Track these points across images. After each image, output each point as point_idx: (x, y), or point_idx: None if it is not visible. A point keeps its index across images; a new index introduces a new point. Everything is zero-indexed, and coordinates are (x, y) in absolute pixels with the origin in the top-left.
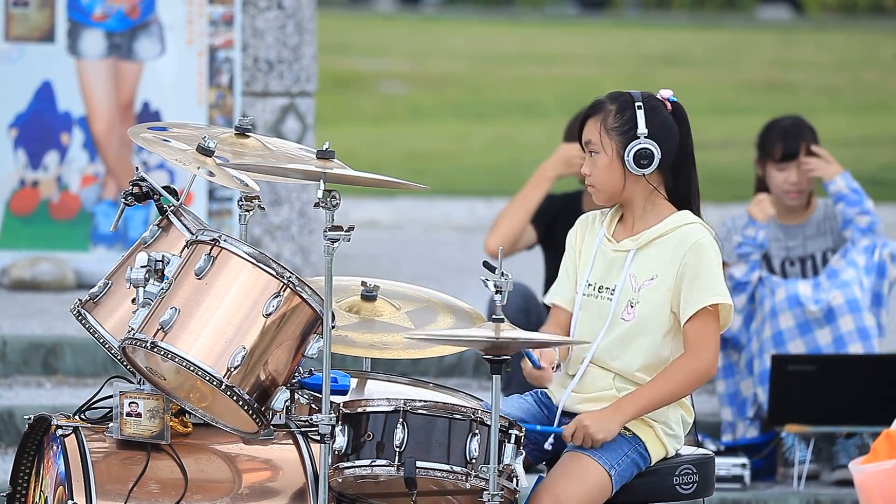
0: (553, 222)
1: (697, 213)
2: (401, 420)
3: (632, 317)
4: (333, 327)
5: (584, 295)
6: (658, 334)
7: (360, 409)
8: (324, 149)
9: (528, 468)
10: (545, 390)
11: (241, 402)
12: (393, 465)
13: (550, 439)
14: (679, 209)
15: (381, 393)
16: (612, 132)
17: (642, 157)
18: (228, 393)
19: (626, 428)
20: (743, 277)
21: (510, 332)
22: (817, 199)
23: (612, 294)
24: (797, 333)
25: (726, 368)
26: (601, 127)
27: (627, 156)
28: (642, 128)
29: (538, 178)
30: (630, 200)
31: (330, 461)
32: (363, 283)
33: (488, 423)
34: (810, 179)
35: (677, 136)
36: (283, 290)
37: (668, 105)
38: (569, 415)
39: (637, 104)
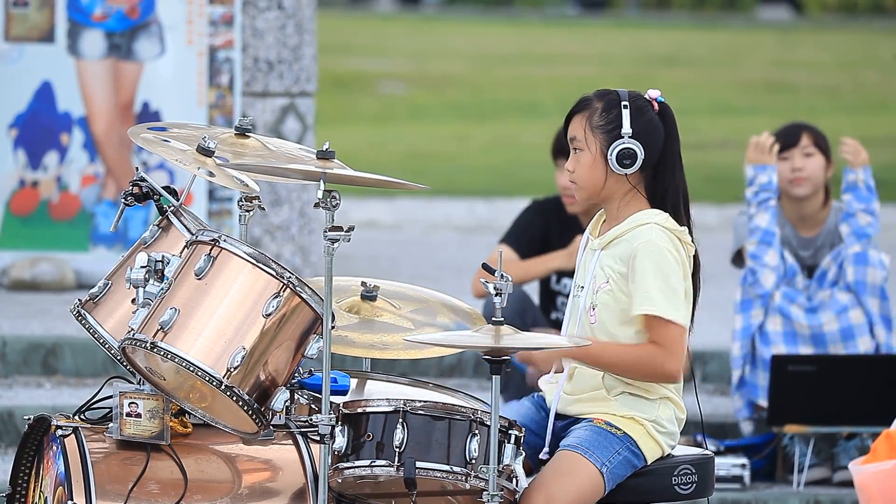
0: (546, 235)
1: (678, 215)
2: (400, 420)
3: (594, 320)
4: (333, 327)
5: (573, 296)
6: (623, 335)
7: (359, 410)
8: (324, 149)
9: (530, 474)
10: (542, 394)
11: (240, 403)
12: (392, 466)
13: (546, 449)
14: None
15: (381, 393)
16: (597, 130)
17: (625, 157)
18: (228, 393)
19: (615, 427)
20: (768, 227)
21: (510, 335)
22: (832, 201)
23: (583, 293)
24: (781, 340)
25: (744, 303)
26: (586, 124)
27: (610, 155)
28: (626, 127)
29: (541, 267)
30: (608, 199)
31: (329, 461)
32: (363, 284)
33: (488, 423)
34: (816, 169)
35: (662, 137)
36: (283, 291)
37: (656, 105)
38: (562, 417)
39: (623, 103)
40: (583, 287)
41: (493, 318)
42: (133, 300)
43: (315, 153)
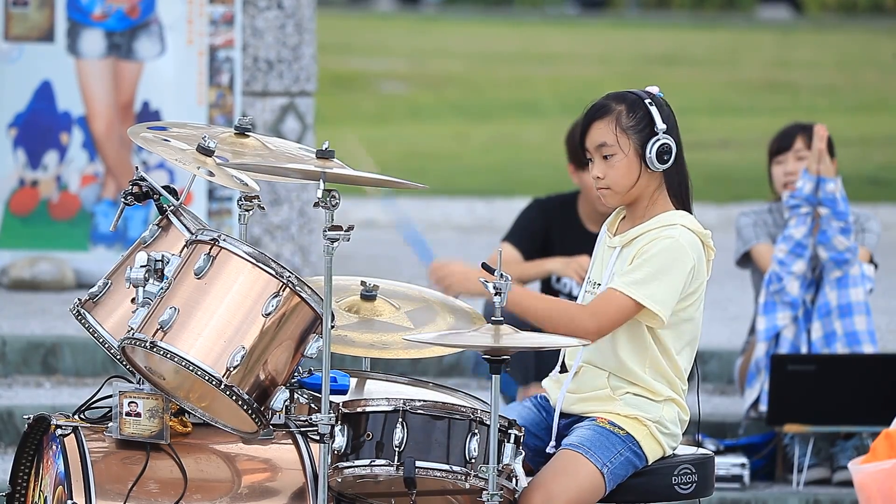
0: (548, 234)
1: (689, 208)
2: (400, 420)
3: None
4: (333, 327)
5: (585, 291)
6: (640, 329)
7: (359, 409)
8: (323, 148)
9: (530, 475)
10: (544, 394)
11: (240, 402)
12: (392, 465)
13: (552, 443)
14: (677, 207)
15: (381, 393)
16: (629, 131)
17: (664, 153)
18: (228, 393)
19: (618, 427)
20: (802, 239)
21: (510, 334)
22: None
23: (598, 288)
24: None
25: (768, 305)
26: (616, 127)
27: (650, 152)
28: (660, 123)
29: (538, 270)
30: (639, 199)
31: (329, 461)
32: (363, 283)
33: (488, 422)
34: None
35: (676, 132)
36: (283, 290)
37: None
38: (566, 416)
39: (647, 101)
40: (599, 284)
41: (493, 318)
42: (133, 300)
43: (314, 153)
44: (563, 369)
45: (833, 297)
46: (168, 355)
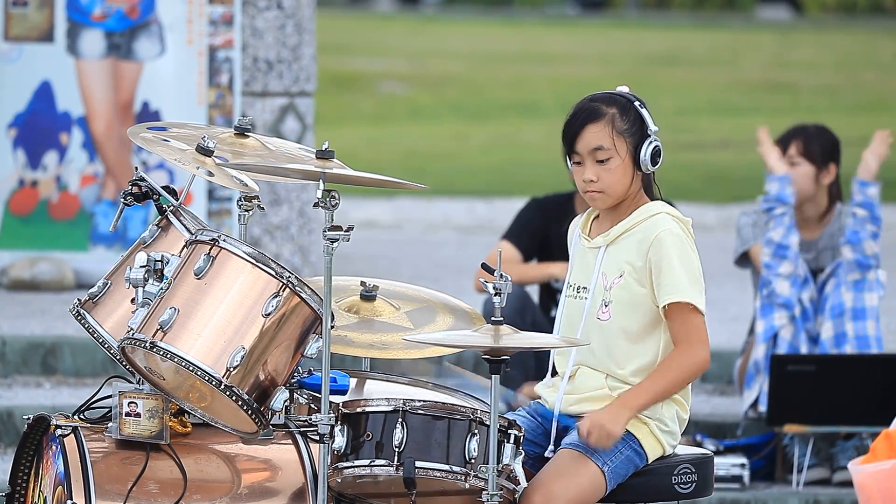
0: (546, 232)
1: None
2: (400, 420)
3: (608, 316)
4: (333, 327)
5: (566, 297)
6: (639, 333)
7: (359, 409)
8: (323, 149)
9: (530, 479)
10: (537, 401)
11: (240, 402)
12: (392, 465)
13: (551, 447)
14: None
15: (381, 393)
16: (624, 134)
17: (657, 155)
18: (227, 393)
19: None
20: (781, 240)
21: (509, 335)
22: (837, 205)
23: (587, 293)
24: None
25: (764, 308)
26: (612, 131)
27: (644, 155)
28: (653, 126)
29: (540, 273)
30: (625, 199)
31: (329, 461)
32: (362, 283)
33: (487, 423)
34: (798, 178)
35: None
36: (283, 290)
37: None
38: (565, 417)
39: (636, 103)
40: (585, 288)
41: (493, 318)
42: (132, 300)
43: (314, 153)
44: (555, 373)
45: (849, 298)
46: (168, 355)
